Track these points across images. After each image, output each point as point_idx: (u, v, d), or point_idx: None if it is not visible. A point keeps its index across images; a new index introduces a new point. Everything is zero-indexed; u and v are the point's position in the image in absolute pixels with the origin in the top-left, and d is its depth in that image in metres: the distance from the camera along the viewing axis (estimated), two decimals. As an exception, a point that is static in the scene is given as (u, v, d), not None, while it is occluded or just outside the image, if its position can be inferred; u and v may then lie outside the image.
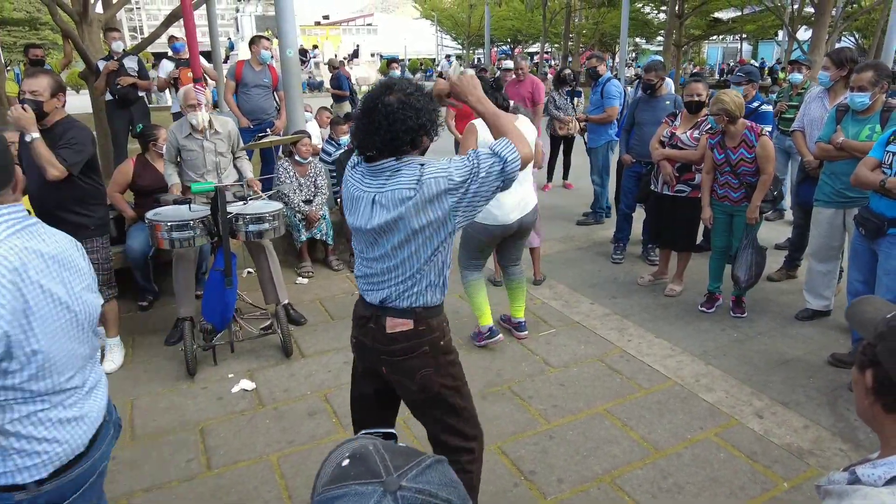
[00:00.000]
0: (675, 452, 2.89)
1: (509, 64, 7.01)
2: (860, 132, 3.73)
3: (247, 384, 3.53)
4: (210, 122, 4.06)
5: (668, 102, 4.95)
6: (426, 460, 0.74)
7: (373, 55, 39.17)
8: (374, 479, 0.70)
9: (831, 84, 4.38)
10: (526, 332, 4.05)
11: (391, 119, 1.80)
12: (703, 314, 4.38)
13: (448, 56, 39.58)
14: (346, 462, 0.74)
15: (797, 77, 6.00)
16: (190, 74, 4.38)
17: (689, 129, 4.44)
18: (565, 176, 8.26)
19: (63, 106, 3.21)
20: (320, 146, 6.38)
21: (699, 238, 5.20)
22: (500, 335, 3.95)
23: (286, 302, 4.31)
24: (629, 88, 9.27)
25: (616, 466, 2.79)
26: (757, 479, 2.71)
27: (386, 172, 1.88)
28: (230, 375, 3.64)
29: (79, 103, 8.64)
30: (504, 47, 41.45)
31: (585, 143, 6.77)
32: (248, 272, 5.14)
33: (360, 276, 2.04)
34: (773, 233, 6.18)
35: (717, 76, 29.39)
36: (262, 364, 3.76)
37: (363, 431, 0.85)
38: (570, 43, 28.11)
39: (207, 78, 6.14)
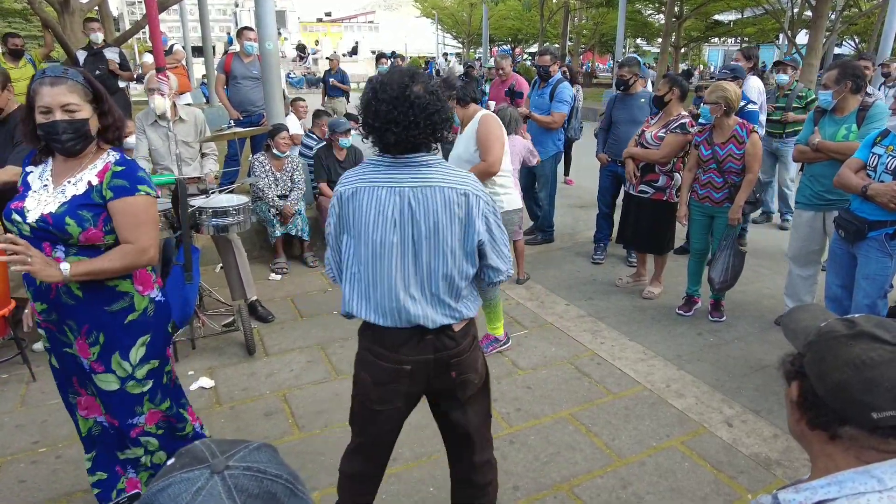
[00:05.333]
0: (638, 460, 2.79)
1: (493, 62, 6.88)
2: (836, 132, 3.65)
3: (206, 382, 3.44)
4: (175, 109, 3.98)
5: (642, 101, 4.86)
6: (254, 444, 0.75)
7: (373, 52, 39.10)
8: (201, 465, 0.69)
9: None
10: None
11: (429, 110, 1.72)
12: (681, 317, 4.29)
13: (445, 54, 39.51)
14: (171, 461, 0.73)
15: (783, 78, 5.91)
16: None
17: (659, 129, 4.35)
18: (566, 172, 8.17)
19: (13, 94, 3.12)
20: (301, 134, 6.37)
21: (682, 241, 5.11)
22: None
23: (254, 298, 4.23)
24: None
25: (575, 474, 2.70)
26: (720, 490, 2.62)
27: (420, 166, 1.79)
28: (190, 373, 3.54)
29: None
30: (505, 47, 41.37)
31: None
32: (221, 267, 5.04)
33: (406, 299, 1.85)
34: (761, 236, 6.09)
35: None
36: (223, 362, 3.67)
37: None
38: (569, 43, 27.99)
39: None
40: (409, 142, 1.74)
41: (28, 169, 2.05)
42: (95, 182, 1.95)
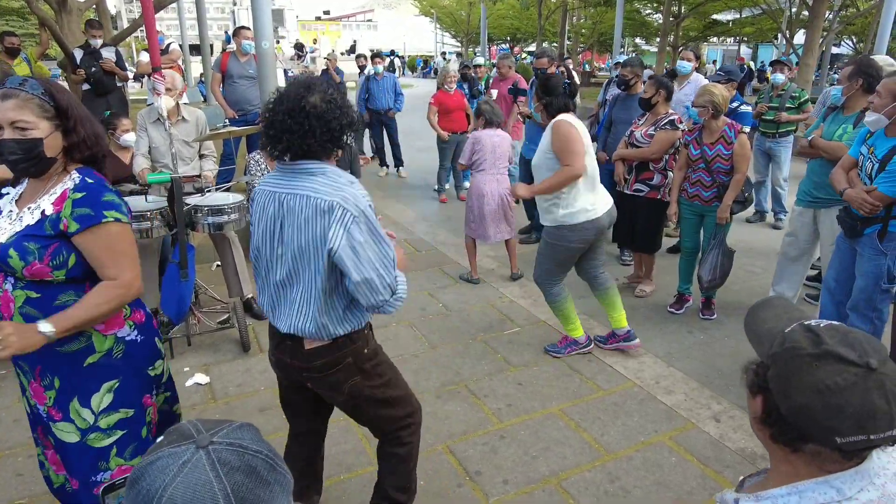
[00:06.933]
0: (626, 455, 2.84)
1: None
2: (835, 131, 3.70)
3: (201, 378, 3.48)
4: (178, 109, 4.03)
5: None
6: (237, 423, 0.80)
7: (371, 51, 39.15)
8: (187, 440, 0.74)
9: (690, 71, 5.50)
10: (638, 341, 3.73)
11: (325, 118, 1.76)
12: (672, 315, 4.33)
13: (444, 53, 39.55)
14: (160, 438, 0.79)
15: (779, 78, 5.95)
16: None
17: (648, 128, 4.39)
18: None
19: None
20: None
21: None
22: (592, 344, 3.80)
23: (250, 296, 4.27)
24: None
25: (564, 468, 2.75)
26: (706, 485, 2.67)
27: (302, 174, 1.82)
28: (186, 369, 3.59)
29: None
30: (504, 46, 41.41)
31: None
32: (218, 265, 5.08)
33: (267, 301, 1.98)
34: (754, 235, 6.14)
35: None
36: (218, 358, 3.71)
37: None
38: (567, 42, 28.02)
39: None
40: (303, 149, 1.78)
41: (6, 190, 1.86)
42: (51, 211, 1.71)
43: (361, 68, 9.52)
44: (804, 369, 0.94)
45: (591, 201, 3.43)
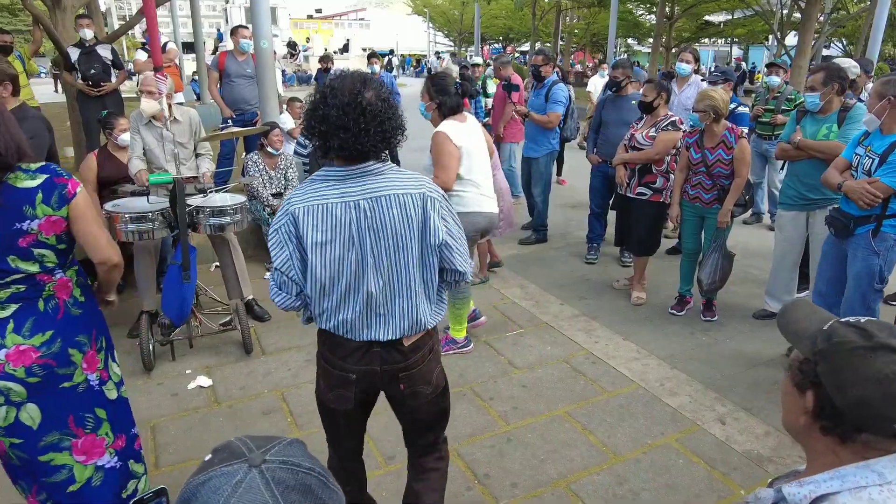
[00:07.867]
0: (634, 458, 2.84)
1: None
2: (818, 132, 3.74)
3: (203, 381, 3.45)
4: (170, 110, 3.98)
5: (633, 102, 4.89)
6: (286, 439, 0.79)
7: (364, 49, 39.00)
8: (238, 459, 0.72)
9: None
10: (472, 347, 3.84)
11: (380, 118, 1.67)
12: (674, 317, 4.34)
13: (438, 52, 39.54)
14: (208, 456, 0.76)
15: (775, 80, 5.98)
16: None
17: (649, 129, 4.39)
18: (559, 172, 8.21)
19: (11, 93, 3.04)
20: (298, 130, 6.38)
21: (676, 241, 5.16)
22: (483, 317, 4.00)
23: (250, 297, 4.24)
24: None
25: (572, 471, 2.74)
26: (714, 487, 2.67)
27: (371, 175, 1.73)
28: (187, 371, 3.55)
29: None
30: (496, 45, 41.44)
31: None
32: (217, 266, 5.04)
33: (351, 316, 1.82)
34: (751, 237, 6.17)
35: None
36: (220, 361, 3.68)
37: None
38: (560, 42, 28.08)
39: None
40: (356, 149, 1.68)
41: None
42: None
43: (326, 71, 9.25)
44: (858, 362, 0.97)
45: (477, 199, 3.49)
